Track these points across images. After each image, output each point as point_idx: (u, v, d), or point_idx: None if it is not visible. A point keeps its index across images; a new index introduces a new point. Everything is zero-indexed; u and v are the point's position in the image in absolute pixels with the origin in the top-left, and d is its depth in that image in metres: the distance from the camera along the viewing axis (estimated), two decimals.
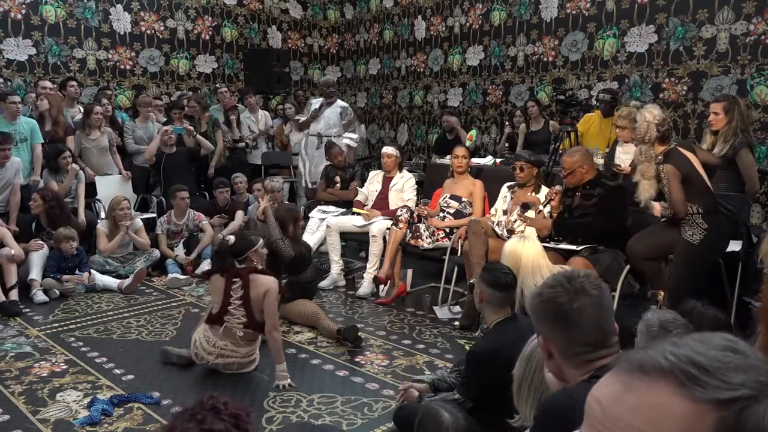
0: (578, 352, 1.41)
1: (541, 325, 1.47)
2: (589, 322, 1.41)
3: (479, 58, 8.26)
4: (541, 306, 1.48)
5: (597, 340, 1.42)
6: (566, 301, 1.43)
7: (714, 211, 3.44)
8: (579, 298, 1.43)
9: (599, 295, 1.44)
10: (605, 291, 1.47)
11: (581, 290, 1.44)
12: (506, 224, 4.50)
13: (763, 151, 5.71)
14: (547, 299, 1.46)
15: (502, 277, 2.47)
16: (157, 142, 6.37)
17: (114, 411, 3.00)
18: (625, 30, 6.67)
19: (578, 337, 1.41)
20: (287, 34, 9.92)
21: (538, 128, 6.70)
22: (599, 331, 1.42)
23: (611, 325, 1.45)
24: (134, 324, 4.32)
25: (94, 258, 5.37)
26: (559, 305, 1.43)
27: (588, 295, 1.43)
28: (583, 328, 1.41)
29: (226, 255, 3.47)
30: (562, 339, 1.43)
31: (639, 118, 3.38)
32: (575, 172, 4.00)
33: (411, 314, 4.55)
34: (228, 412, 1.17)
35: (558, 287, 1.46)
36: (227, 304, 3.39)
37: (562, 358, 1.42)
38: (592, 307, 1.42)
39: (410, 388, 2.86)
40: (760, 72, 5.74)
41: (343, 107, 6.57)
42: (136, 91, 8.27)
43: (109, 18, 8.05)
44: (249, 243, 3.50)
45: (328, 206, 5.78)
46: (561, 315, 1.43)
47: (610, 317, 1.45)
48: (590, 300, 1.43)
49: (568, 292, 1.44)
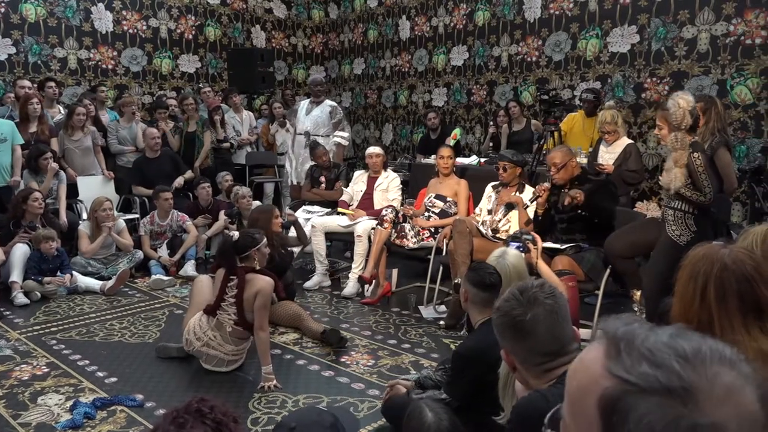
0: (537, 362, 1.43)
1: (501, 338, 1.49)
2: (544, 331, 1.43)
3: (463, 58, 8.28)
4: (498, 320, 1.50)
5: (555, 349, 1.43)
6: (520, 313, 1.45)
7: (705, 214, 3.40)
8: (532, 308, 1.45)
9: (553, 303, 1.46)
10: (560, 299, 1.49)
11: (534, 301, 1.46)
12: (491, 224, 4.52)
13: (742, 151, 5.79)
14: (503, 313, 1.49)
15: (486, 277, 2.48)
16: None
17: (97, 414, 2.98)
18: (608, 30, 6.73)
19: (535, 347, 1.43)
20: (271, 33, 9.88)
21: (520, 128, 6.74)
22: (556, 340, 1.44)
23: (568, 332, 1.47)
24: (117, 326, 4.28)
25: (75, 259, 5.32)
26: (514, 317, 1.45)
27: (541, 304, 1.45)
28: (539, 338, 1.43)
29: (230, 252, 3.46)
30: (521, 350, 1.45)
31: (672, 105, 3.29)
32: (567, 166, 4.00)
33: (396, 314, 4.55)
34: (213, 416, 1.16)
35: (512, 300, 1.49)
36: (221, 300, 3.44)
37: (524, 369, 1.44)
38: (546, 317, 1.44)
39: (397, 385, 2.86)
40: (739, 72, 5.82)
41: (332, 106, 6.63)
42: (118, 90, 8.19)
43: (91, 17, 7.96)
44: (252, 241, 3.49)
45: (313, 206, 5.77)
46: (516, 327, 1.45)
47: (566, 324, 1.47)
48: (544, 309, 1.45)
49: (522, 304, 1.46)
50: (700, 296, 1.43)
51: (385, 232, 4.79)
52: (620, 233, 3.75)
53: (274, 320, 4.18)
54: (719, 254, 1.45)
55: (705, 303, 1.42)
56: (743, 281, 1.40)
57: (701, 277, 1.44)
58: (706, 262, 1.45)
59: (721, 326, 1.40)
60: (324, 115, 6.51)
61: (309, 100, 6.81)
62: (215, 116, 7.13)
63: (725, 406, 0.58)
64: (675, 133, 3.26)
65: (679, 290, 1.49)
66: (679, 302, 1.48)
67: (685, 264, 1.51)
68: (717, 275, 1.42)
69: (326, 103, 6.62)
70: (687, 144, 3.27)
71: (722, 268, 1.42)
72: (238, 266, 3.43)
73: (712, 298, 1.41)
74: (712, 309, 1.41)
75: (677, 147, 3.27)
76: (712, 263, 1.44)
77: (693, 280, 1.46)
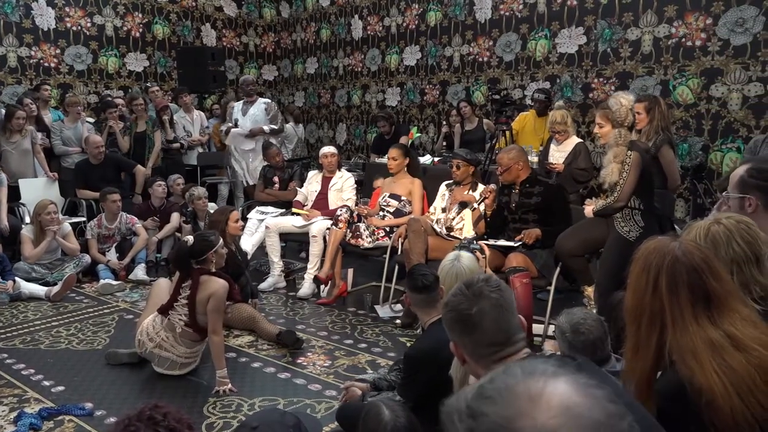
0: (484, 354, 1.46)
1: (451, 332, 1.52)
2: (490, 324, 1.46)
3: (416, 58, 8.33)
4: (447, 315, 1.53)
5: (500, 340, 1.46)
6: (467, 307, 1.47)
7: (651, 210, 3.53)
8: (478, 302, 1.47)
9: (498, 297, 1.49)
10: (505, 292, 1.52)
11: (479, 294, 1.49)
12: (445, 222, 4.57)
13: (685, 149, 6.00)
14: (450, 308, 1.51)
15: (419, 279, 2.56)
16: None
17: (43, 425, 2.88)
18: (556, 32, 6.88)
19: (482, 339, 1.46)
20: (222, 32, 9.73)
21: (472, 127, 6.82)
22: (502, 331, 1.47)
23: (514, 323, 1.50)
24: (64, 333, 4.14)
25: (18, 265, 5.12)
26: (461, 312, 1.48)
27: (486, 298, 1.48)
28: (485, 330, 1.46)
29: (186, 257, 3.39)
30: (469, 343, 1.48)
31: (614, 104, 3.43)
32: (511, 169, 4.13)
33: (352, 314, 4.55)
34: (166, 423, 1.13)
35: (459, 294, 1.51)
36: (174, 300, 3.39)
37: (474, 361, 1.48)
38: (492, 310, 1.47)
39: (352, 387, 2.87)
40: (681, 73, 6.04)
41: (266, 103, 6.98)
42: (62, 90, 7.92)
43: (31, 13, 7.68)
44: (208, 244, 3.42)
45: (266, 207, 5.71)
46: (463, 320, 1.48)
47: (512, 317, 1.50)
48: (489, 302, 1.47)
49: (468, 298, 1.49)
50: (652, 287, 1.47)
51: (340, 232, 4.78)
52: (570, 232, 3.84)
53: (229, 323, 4.11)
54: (670, 247, 1.49)
55: (657, 294, 1.46)
56: (693, 272, 1.44)
57: (653, 269, 1.47)
58: (657, 254, 1.49)
59: (672, 316, 1.44)
60: (260, 112, 6.79)
61: (243, 101, 6.99)
62: (164, 116, 6.98)
63: (538, 412, 0.63)
64: (618, 129, 3.41)
65: (631, 282, 1.53)
66: (632, 294, 1.52)
67: (637, 257, 1.54)
68: (668, 267, 1.46)
69: (260, 101, 6.92)
70: (628, 141, 3.42)
71: (673, 260, 1.46)
72: (193, 267, 3.37)
73: (663, 289, 1.45)
74: (664, 299, 1.45)
75: (620, 143, 3.42)
76: (664, 256, 1.47)
77: (645, 272, 1.49)
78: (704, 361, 1.37)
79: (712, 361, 1.37)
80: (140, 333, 3.44)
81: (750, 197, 2.04)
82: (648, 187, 3.52)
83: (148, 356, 3.43)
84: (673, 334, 1.43)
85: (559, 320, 2.38)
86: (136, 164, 6.41)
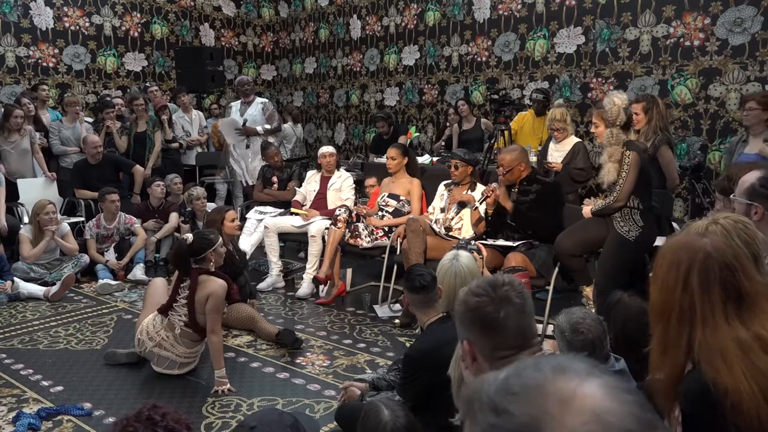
0: (502, 356, 1.45)
1: (467, 331, 1.49)
2: (513, 328, 1.46)
3: (415, 58, 8.33)
4: (467, 314, 1.50)
5: (520, 344, 1.47)
6: (492, 310, 1.46)
7: (649, 210, 3.54)
8: (504, 306, 1.47)
9: (522, 303, 1.50)
10: (528, 298, 1.53)
11: (506, 299, 1.48)
12: (444, 222, 4.57)
13: (683, 149, 6.01)
14: (473, 308, 1.49)
15: (416, 280, 2.57)
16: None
17: (42, 425, 2.88)
18: (555, 31, 6.88)
19: (503, 343, 1.46)
20: (220, 32, 9.72)
21: (470, 127, 6.82)
22: (522, 336, 1.48)
23: (533, 328, 1.52)
24: (62, 333, 4.14)
25: (17, 265, 5.12)
26: (486, 314, 1.46)
27: (512, 303, 1.48)
28: (507, 334, 1.46)
29: (185, 256, 3.38)
30: (488, 345, 1.46)
31: (607, 103, 3.44)
32: (513, 170, 4.11)
33: (351, 314, 4.55)
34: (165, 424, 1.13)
35: (484, 296, 1.49)
36: (174, 300, 3.39)
37: (486, 362, 1.46)
38: (516, 315, 1.47)
39: (351, 387, 2.87)
40: (679, 73, 6.04)
41: (263, 102, 6.94)
42: (60, 89, 7.91)
43: (30, 13, 7.67)
44: (208, 242, 3.42)
45: (265, 207, 5.71)
46: (487, 323, 1.46)
47: (532, 322, 1.52)
48: (515, 308, 1.47)
49: (494, 301, 1.48)
50: (682, 284, 1.41)
51: (339, 231, 4.78)
52: (569, 232, 3.84)
53: (228, 323, 4.11)
54: (701, 242, 1.44)
55: (687, 290, 1.41)
56: (725, 269, 1.40)
57: (684, 265, 1.42)
58: (687, 250, 1.44)
59: (703, 314, 1.39)
60: (257, 112, 6.77)
61: (240, 101, 6.97)
62: (162, 116, 6.97)
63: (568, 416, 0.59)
64: (611, 129, 3.42)
65: (657, 278, 1.47)
66: (659, 290, 1.46)
67: (663, 252, 1.49)
68: (701, 263, 1.41)
69: (257, 101, 6.90)
70: (621, 140, 3.43)
71: (705, 255, 1.41)
72: (192, 267, 3.37)
73: (695, 285, 1.40)
74: (695, 297, 1.40)
75: (612, 142, 3.45)
76: (695, 251, 1.42)
77: (675, 267, 1.43)
78: (733, 362, 1.32)
79: (741, 362, 1.32)
80: (140, 332, 3.44)
81: (758, 205, 2.06)
82: (646, 187, 3.52)
83: (148, 355, 3.43)
84: (702, 333, 1.37)
85: (558, 320, 2.38)
86: (135, 164, 6.40)
